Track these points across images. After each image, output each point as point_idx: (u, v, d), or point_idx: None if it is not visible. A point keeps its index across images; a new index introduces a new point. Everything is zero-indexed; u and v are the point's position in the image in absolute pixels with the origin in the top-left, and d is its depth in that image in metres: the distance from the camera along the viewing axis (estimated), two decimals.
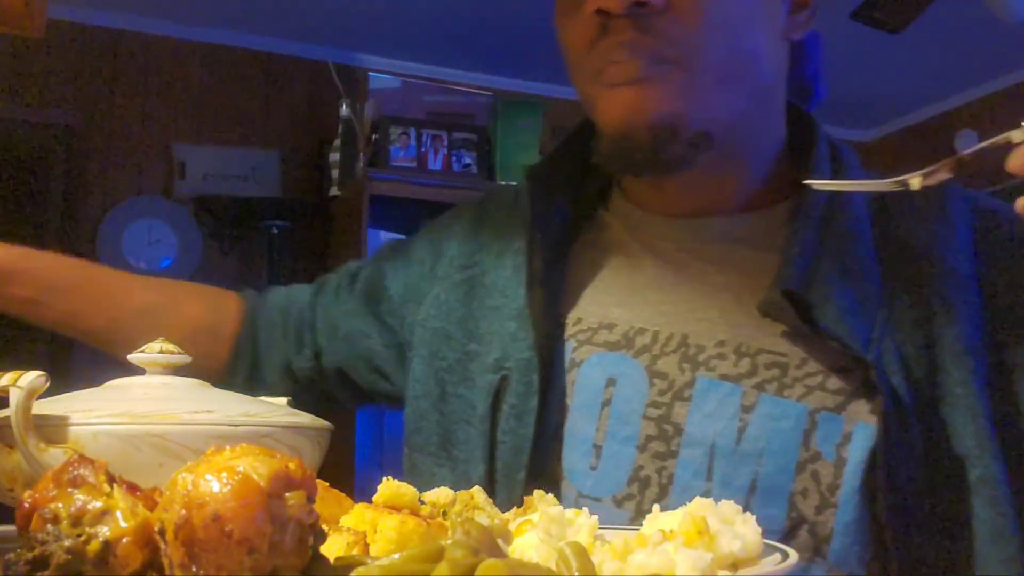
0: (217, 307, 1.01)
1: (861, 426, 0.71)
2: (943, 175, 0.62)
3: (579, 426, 0.78)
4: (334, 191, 3.72)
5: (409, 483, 0.86)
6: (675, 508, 0.51)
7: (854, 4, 2.75)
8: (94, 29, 3.71)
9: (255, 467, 0.38)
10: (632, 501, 0.75)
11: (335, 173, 3.71)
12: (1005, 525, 0.72)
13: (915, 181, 0.62)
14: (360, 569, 0.38)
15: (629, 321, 0.80)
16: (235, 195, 3.76)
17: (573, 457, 0.78)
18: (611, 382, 0.78)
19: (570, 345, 0.81)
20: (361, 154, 3.59)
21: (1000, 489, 0.72)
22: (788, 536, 0.71)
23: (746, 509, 0.70)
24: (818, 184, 0.71)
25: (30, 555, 0.40)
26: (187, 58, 3.85)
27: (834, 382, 0.73)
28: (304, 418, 0.67)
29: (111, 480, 0.42)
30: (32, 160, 3.81)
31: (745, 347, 0.76)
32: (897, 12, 2.72)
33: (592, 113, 0.83)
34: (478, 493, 0.55)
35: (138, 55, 3.79)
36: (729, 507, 0.50)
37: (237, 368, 0.99)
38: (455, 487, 0.81)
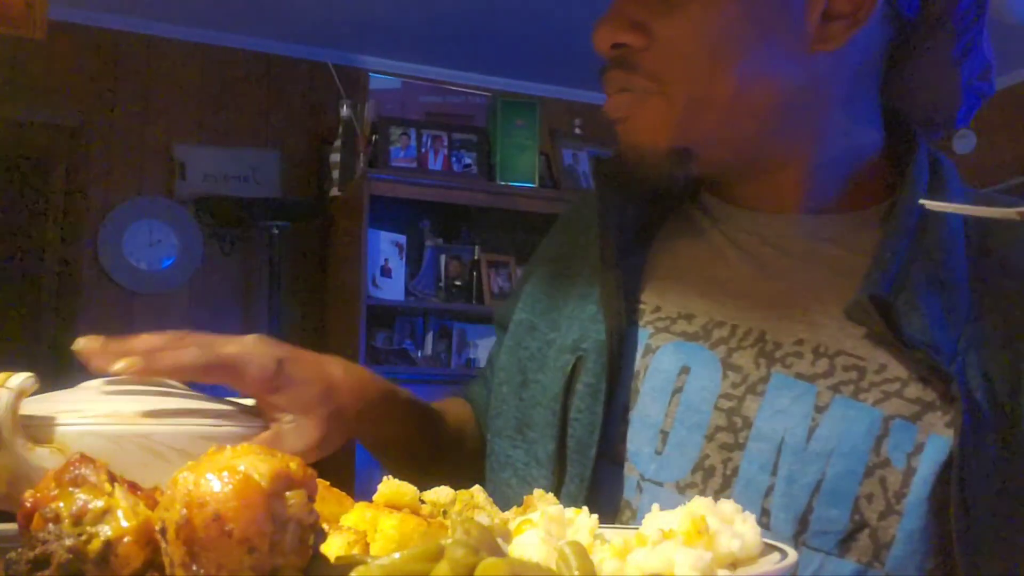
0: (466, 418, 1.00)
1: (935, 438, 0.71)
2: None
3: (648, 410, 0.79)
4: (334, 191, 3.73)
5: (488, 466, 0.87)
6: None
7: None
8: (95, 30, 3.71)
9: (256, 466, 0.38)
10: (695, 489, 0.75)
11: (335, 173, 3.71)
12: None
13: None
14: (360, 568, 0.38)
15: (708, 313, 0.81)
16: (235, 195, 3.77)
17: (639, 440, 0.78)
18: (685, 370, 0.79)
19: (647, 331, 0.81)
20: (361, 154, 3.59)
21: None
22: (848, 539, 0.71)
23: (809, 508, 0.71)
24: (932, 204, 0.68)
25: (31, 554, 0.40)
26: (188, 59, 3.85)
27: (912, 391, 0.72)
28: None
29: (112, 479, 0.42)
30: (33, 160, 3.82)
31: (824, 347, 0.76)
32: None
33: None
34: (478, 492, 0.56)
35: (139, 56, 3.79)
36: (729, 506, 0.50)
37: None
38: (526, 468, 0.82)
